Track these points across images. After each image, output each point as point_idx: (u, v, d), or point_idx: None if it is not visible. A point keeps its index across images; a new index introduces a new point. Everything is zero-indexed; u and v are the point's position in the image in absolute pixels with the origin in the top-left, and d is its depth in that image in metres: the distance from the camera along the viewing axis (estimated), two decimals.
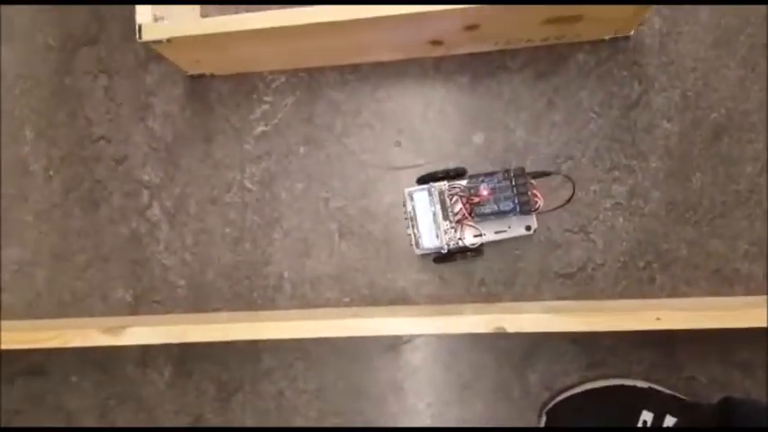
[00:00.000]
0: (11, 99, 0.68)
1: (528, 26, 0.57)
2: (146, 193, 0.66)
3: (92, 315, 0.66)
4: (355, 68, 0.64)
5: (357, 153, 0.64)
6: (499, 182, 0.57)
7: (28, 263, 0.67)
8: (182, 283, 0.65)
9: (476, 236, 0.59)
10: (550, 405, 0.58)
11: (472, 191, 0.58)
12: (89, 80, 0.67)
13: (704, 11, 0.60)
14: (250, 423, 0.64)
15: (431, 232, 0.59)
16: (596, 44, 0.61)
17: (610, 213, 0.61)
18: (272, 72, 0.65)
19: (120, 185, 0.66)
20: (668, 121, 0.61)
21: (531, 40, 0.61)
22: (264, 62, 0.63)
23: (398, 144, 0.63)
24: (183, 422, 0.65)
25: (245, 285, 0.65)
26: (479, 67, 0.62)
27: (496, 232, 0.59)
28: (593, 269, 0.60)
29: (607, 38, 0.61)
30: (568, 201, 0.58)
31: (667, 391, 0.58)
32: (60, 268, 0.67)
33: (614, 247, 0.60)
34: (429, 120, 0.63)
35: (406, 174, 0.63)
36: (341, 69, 0.64)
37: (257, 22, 0.52)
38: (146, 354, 0.65)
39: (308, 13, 0.52)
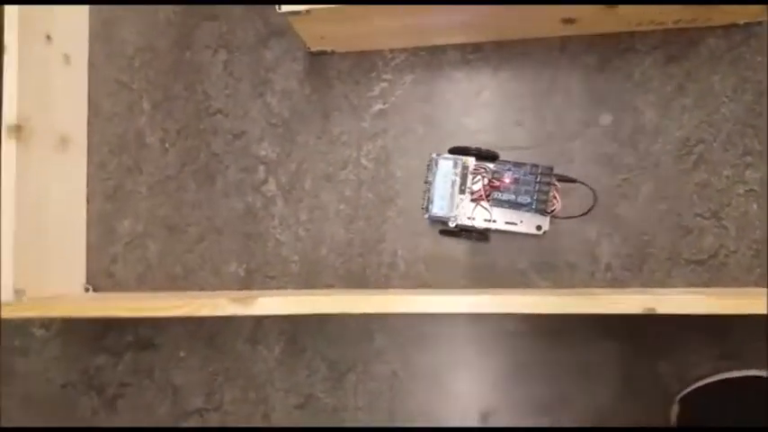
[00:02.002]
0: (130, 71, 0.69)
1: (666, 7, 0.56)
2: (262, 169, 0.66)
3: (203, 289, 0.66)
4: (477, 48, 0.63)
5: (476, 132, 0.63)
6: (525, 174, 0.58)
7: (140, 235, 0.67)
8: (295, 258, 0.65)
9: (486, 220, 0.59)
10: (684, 393, 0.57)
11: (496, 174, 0.58)
12: (209, 55, 0.67)
13: None
14: (362, 404, 0.63)
15: (443, 201, 0.60)
16: (728, 28, 0.60)
17: (743, 199, 0.59)
18: (392, 50, 0.65)
19: (236, 160, 0.66)
20: None
21: (663, 23, 0.60)
22: (389, 39, 0.63)
23: (520, 123, 0.62)
24: (293, 402, 0.64)
25: (358, 263, 0.64)
26: (607, 48, 0.61)
27: (507, 223, 0.59)
28: (726, 256, 0.59)
29: (741, 22, 0.60)
30: (587, 212, 0.58)
31: None
32: (173, 241, 0.67)
33: (747, 233, 0.59)
34: (553, 100, 0.62)
35: (527, 153, 0.62)
36: (462, 48, 0.64)
37: None
38: (257, 329, 0.65)
39: None
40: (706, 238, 0.59)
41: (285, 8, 0.54)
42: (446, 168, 0.60)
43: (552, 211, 0.58)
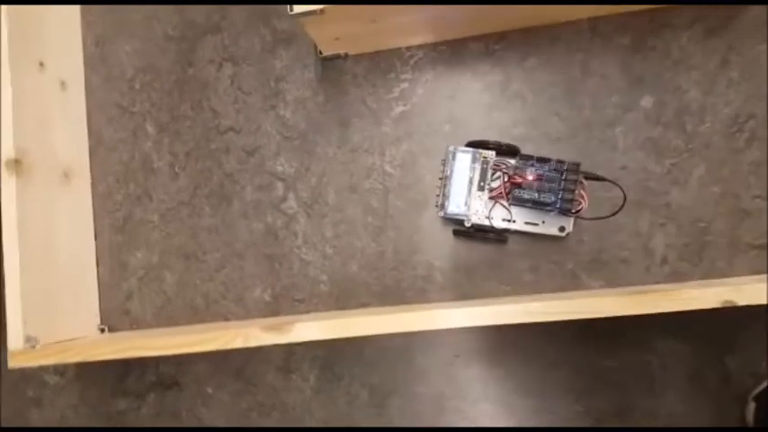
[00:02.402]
0: (131, 94, 0.65)
1: None
2: (280, 185, 0.61)
3: (227, 319, 0.61)
4: (501, 37, 0.59)
5: (509, 127, 0.59)
6: (549, 171, 0.54)
7: (155, 267, 0.63)
8: (324, 278, 0.60)
9: (505, 220, 0.56)
10: (759, 389, 0.52)
11: (518, 171, 0.54)
12: (213, 69, 0.63)
13: None
14: (408, 428, 0.58)
15: (460, 198, 0.56)
16: None
17: None
18: (409, 48, 0.61)
19: (252, 178, 0.62)
20: None
21: None
22: (407, 35, 0.59)
23: (557, 114, 0.58)
24: None
25: (392, 277, 0.59)
26: (641, 26, 0.57)
27: (527, 223, 0.56)
28: None
29: None
30: (615, 213, 0.54)
31: None
32: (191, 270, 0.62)
33: None
34: (589, 86, 0.58)
35: (567, 146, 0.57)
36: (485, 39, 0.59)
37: None
38: (289, 357, 0.60)
39: None
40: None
41: (297, 9, 0.50)
42: (464, 162, 0.56)
43: (578, 211, 0.54)
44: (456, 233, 0.58)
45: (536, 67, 0.59)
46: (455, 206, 0.56)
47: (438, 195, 0.57)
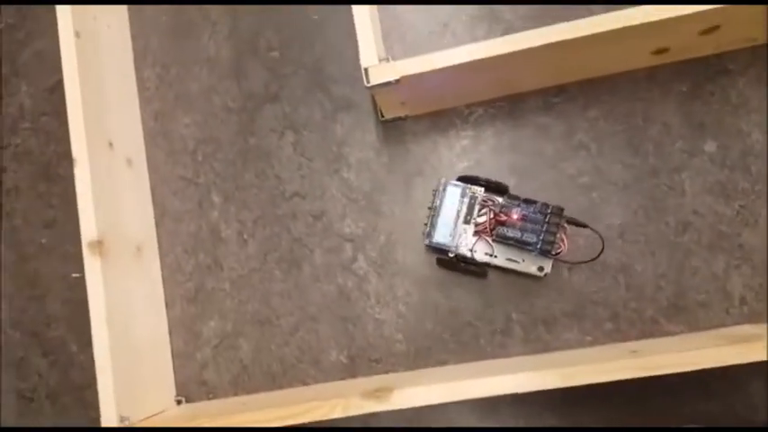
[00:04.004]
0: (194, 166, 0.66)
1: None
2: (349, 246, 0.62)
3: (305, 383, 0.61)
4: (560, 90, 0.61)
5: (575, 177, 0.60)
6: (534, 212, 0.55)
7: (229, 335, 0.63)
8: (399, 337, 0.60)
9: (487, 254, 0.58)
10: None
11: (504, 209, 0.56)
12: (275, 138, 0.65)
13: None
14: None
15: (446, 229, 0.58)
16: None
17: None
18: (468, 105, 0.62)
19: (320, 241, 0.63)
20: None
21: (756, 39, 0.57)
22: (471, 93, 0.60)
23: (621, 162, 0.59)
24: None
25: (468, 333, 0.60)
26: (697, 73, 0.58)
27: (508, 260, 0.58)
28: None
29: None
30: (593, 260, 0.56)
31: None
32: (266, 336, 0.62)
33: None
34: (652, 133, 0.59)
35: (635, 193, 0.58)
36: (543, 93, 0.61)
37: (495, 48, 0.49)
38: (369, 420, 0.60)
39: (549, 32, 0.49)
40: None
41: (374, 81, 0.51)
42: (454, 196, 0.58)
43: (557, 253, 0.56)
44: (439, 262, 0.60)
45: (598, 117, 0.60)
46: (441, 236, 0.58)
47: (426, 224, 0.58)
